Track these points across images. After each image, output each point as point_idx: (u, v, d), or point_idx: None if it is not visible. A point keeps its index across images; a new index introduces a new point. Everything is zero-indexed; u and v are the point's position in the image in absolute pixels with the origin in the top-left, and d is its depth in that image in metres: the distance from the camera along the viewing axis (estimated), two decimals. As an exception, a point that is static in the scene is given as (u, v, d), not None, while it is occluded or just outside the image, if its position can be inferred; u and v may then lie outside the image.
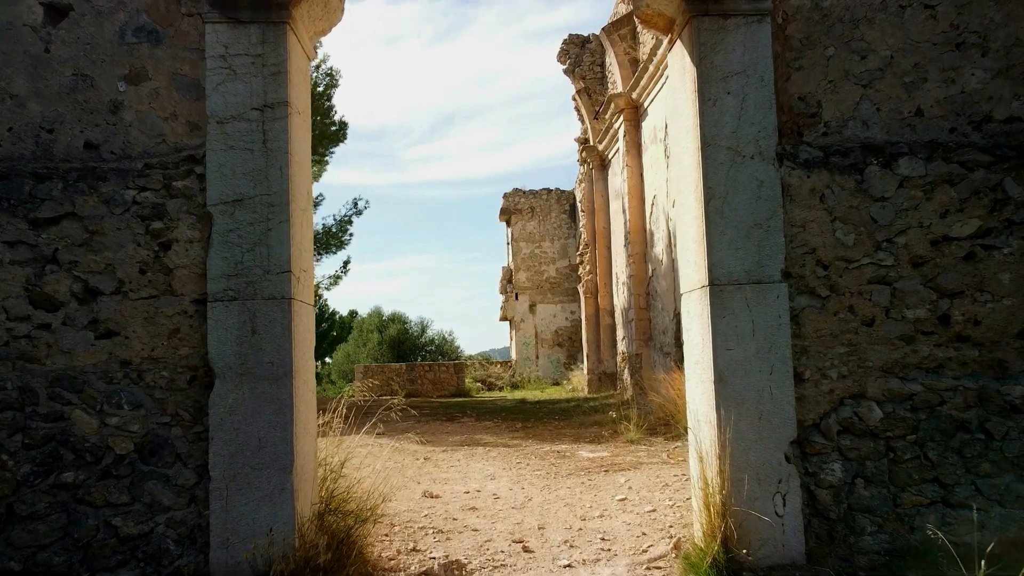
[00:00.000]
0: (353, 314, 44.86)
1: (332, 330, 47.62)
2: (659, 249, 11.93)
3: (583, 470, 6.01)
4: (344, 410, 4.41)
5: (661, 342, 12.05)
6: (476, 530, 4.36)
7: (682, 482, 5.19)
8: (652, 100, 12.03)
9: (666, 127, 11.14)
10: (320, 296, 48.14)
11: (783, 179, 3.46)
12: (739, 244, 3.40)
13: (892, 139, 3.56)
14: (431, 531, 4.39)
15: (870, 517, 3.37)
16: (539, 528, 4.30)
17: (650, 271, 12.67)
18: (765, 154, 3.44)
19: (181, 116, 3.48)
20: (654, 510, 4.47)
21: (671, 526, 4.10)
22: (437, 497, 5.34)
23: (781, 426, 3.32)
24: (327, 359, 43.96)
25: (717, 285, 3.39)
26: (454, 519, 4.65)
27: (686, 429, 7.67)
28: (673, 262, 10.99)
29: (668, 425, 8.25)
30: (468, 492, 5.46)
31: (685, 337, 3.75)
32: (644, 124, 12.78)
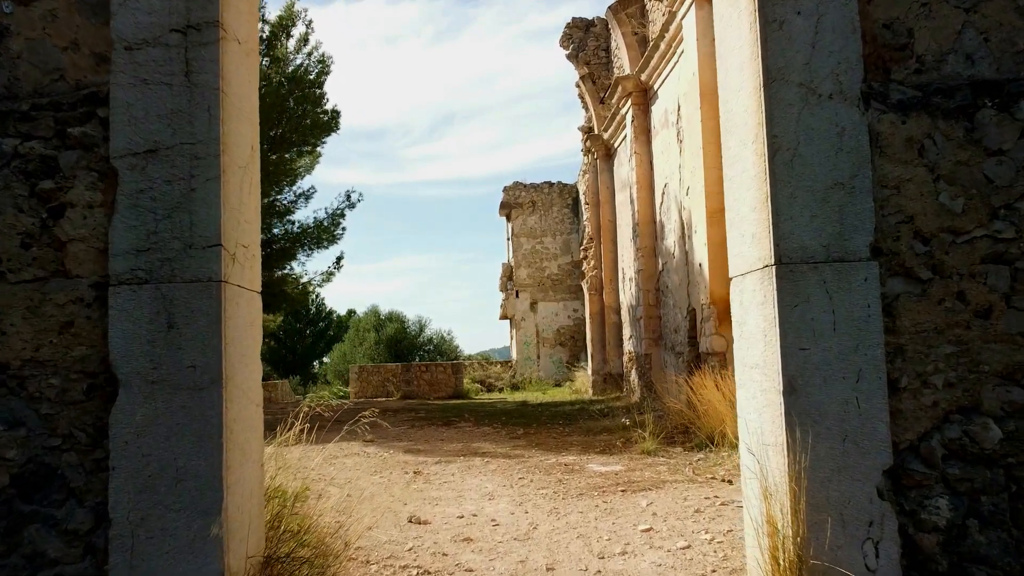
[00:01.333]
0: (351, 313, 44.11)
1: (329, 329, 47.03)
2: (670, 242, 11.11)
3: (596, 489, 5.19)
4: (303, 420, 3.56)
5: (672, 341, 11.24)
6: (470, 571, 3.55)
7: (716, 507, 4.38)
8: (663, 82, 11.21)
9: (678, 109, 10.32)
10: (317, 295, 47.38)
11: (870, 125, 2.64)
12: (815, 210, 2.58)
13: (1005, 76, 2.74)
14: (415, 572, 3.57)
15: (988, 570, 2.55)
16: (548, 569, 3.49)
17: (660, 265, 11.85)
18: (847, 93, 2.62)
19: (85, 45, 2.66)
20: (688, 546, 3.65)
21: (713, 571, 3.28)
22: (426, 523, 4.52)
23: (872, 450, 2.50)
24: (325, 359, 43.23)
25: (787, 264, 2.57)
26: (444, 554, 3.84)
27: (709, 438, 6.85)
28: (686, 255, 10.18)
29: (687, 433, 7.43)
30: (462, 517, 4.64)
31: (737, 333, 2.93)
32: (654, 108, 11.96)
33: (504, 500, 5.06)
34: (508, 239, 23.57)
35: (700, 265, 8.80)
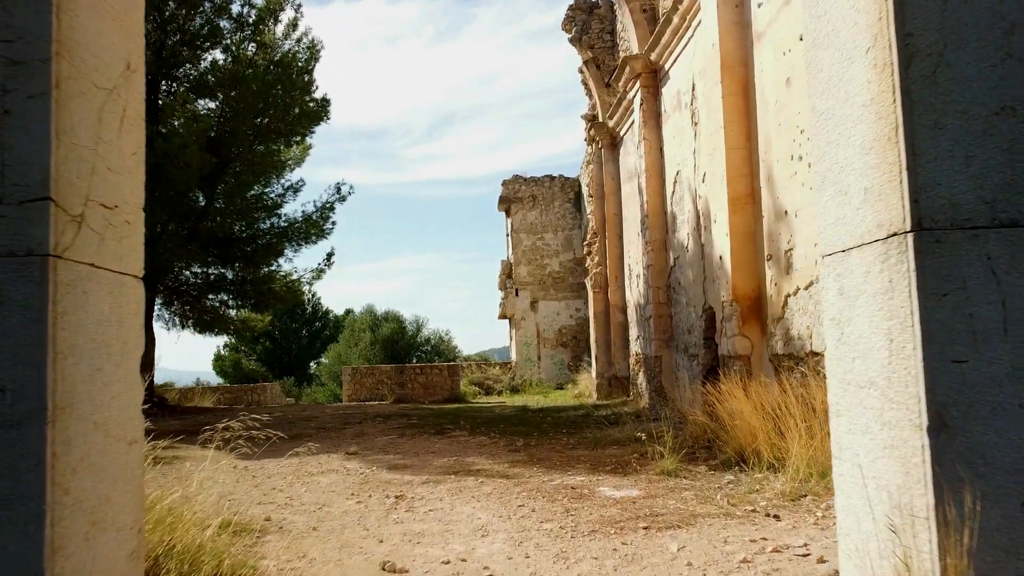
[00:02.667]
0: (348, 313, 43.23)
1: (325, 329, 46.24)
2: (683, 234, 10.22)
3: (612, 524, 4.29)
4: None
5: (685, 342, 10.34)
6: (453, 652, 2.64)
7: (767, 555, 3.48)
8: (675, 60, 10.31)
9: (693, 88, 9.42)
10: (314, 294, 46.41)
11: (1052, 21, 1.74)
12: (971, 147, 1.68)
13: None
14: (380, 653, 2.67)
15: None
16: (556, 652, 2.58)
17: (671, 260, 10.95)
18: (1016, -29, 1.72)
19: None
20: (743, 618, 2.75)
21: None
22: (403, 572, 3.63)
23: (1067, 520, 1.60)
24: (323, 359, 42.30)
25: (931, 230, 1.67)
26: (420, 623, 2.93)
27: (738, 455, 5.95)
28: (702, 248, 9.28)
29: (710, 448, 6.53)
30: (448, 562, 3.74)
31: (834, 336, 2.03)
32: (664, 90, 11.06)
33: (500, 537, 4.16)
34: (507, 235, 22.66)
35: (720, 258, 7.90)
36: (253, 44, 16.29)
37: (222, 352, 44.78)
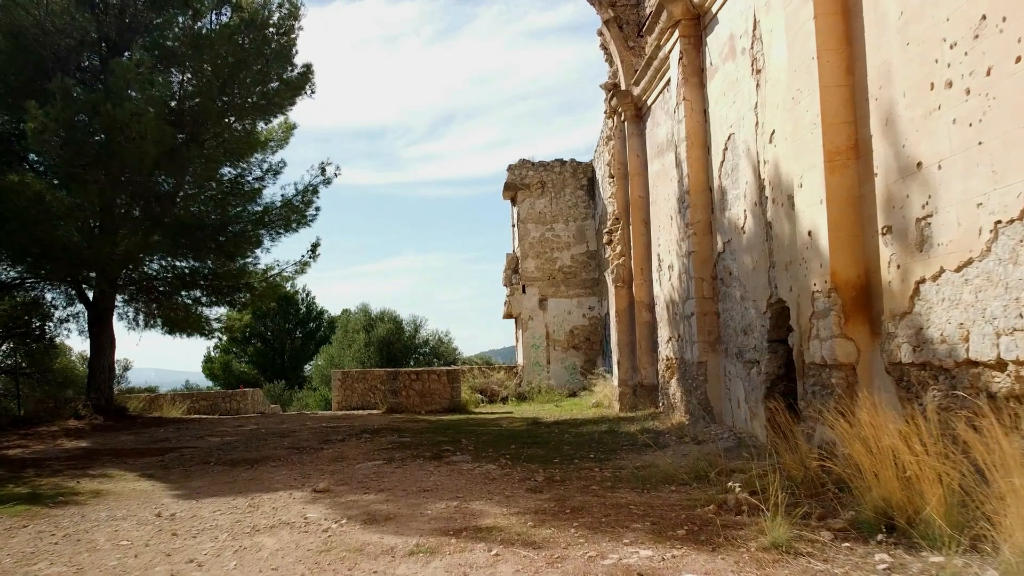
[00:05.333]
0: (345, 313, 41.27)
1: (320, 330, 44.22)
2: (737, 212, 8.28)
3: None
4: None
5: (739, 346, 8.40)
6: None
7: None
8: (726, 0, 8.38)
9: (754, 29, 7.48)
10: (309, 293, 44.26)
11: None
12: None
13: None
14: None
15: None
16: None
17: (719, 246, 9.01)
18: None
19: None
20: None
21: None
22: None
23: None
24: (319, 360, 40.31)
25: None
26: None
27: (882, 515, 3.89)
28: (767, 227, 7.34)
29: (819, 496, 4.59)
30: None
31: None
32: (710, 39, 9.12)
33: None
34: (513, 225, 20.70)
35: (810, 234, 5.96)
36: (228, 8, 14.37)
37: (212, 354, 42.78)
